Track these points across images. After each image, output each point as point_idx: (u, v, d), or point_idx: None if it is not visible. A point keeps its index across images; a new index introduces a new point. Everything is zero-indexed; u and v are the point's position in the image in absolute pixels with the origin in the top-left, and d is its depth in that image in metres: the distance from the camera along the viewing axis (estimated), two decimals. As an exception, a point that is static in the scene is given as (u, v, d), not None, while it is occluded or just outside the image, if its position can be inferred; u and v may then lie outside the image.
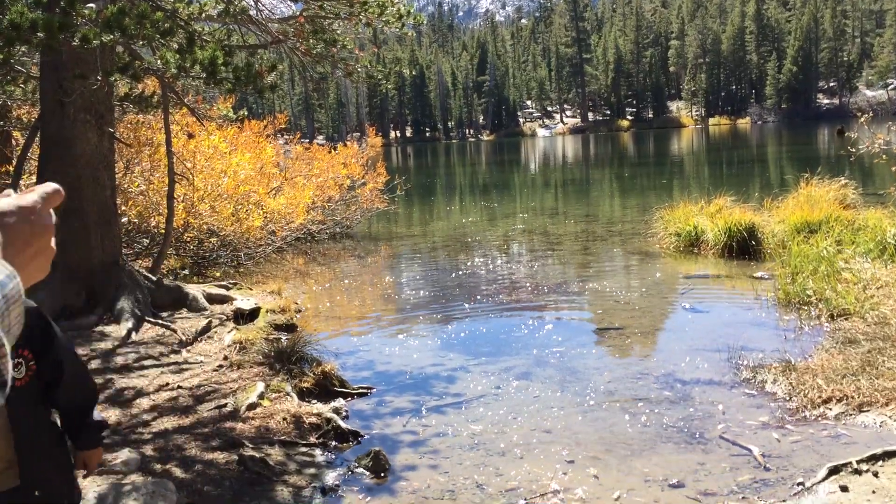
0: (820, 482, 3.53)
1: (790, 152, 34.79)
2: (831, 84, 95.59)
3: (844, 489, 3.42)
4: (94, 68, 6.25)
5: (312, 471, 3.78)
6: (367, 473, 3.82)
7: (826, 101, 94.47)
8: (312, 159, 13.92)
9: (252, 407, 4.51)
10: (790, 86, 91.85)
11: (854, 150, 12.61)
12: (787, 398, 4.64)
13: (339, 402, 4.83)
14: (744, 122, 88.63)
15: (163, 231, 8.41)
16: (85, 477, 2.53)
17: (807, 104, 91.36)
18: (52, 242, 0.79)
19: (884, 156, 10.95)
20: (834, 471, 3.60)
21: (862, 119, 12.31)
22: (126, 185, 9.43)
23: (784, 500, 3.40)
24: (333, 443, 4.21)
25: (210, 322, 6.52)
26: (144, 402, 4.68)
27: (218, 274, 9.75)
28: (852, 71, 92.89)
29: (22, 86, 8.68)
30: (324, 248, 12.04)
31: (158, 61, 5.83)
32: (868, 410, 4.32)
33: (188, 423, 4.34)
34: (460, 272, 9.62)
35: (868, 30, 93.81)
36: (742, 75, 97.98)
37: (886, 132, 12.56)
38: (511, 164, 41.53)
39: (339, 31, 7.21)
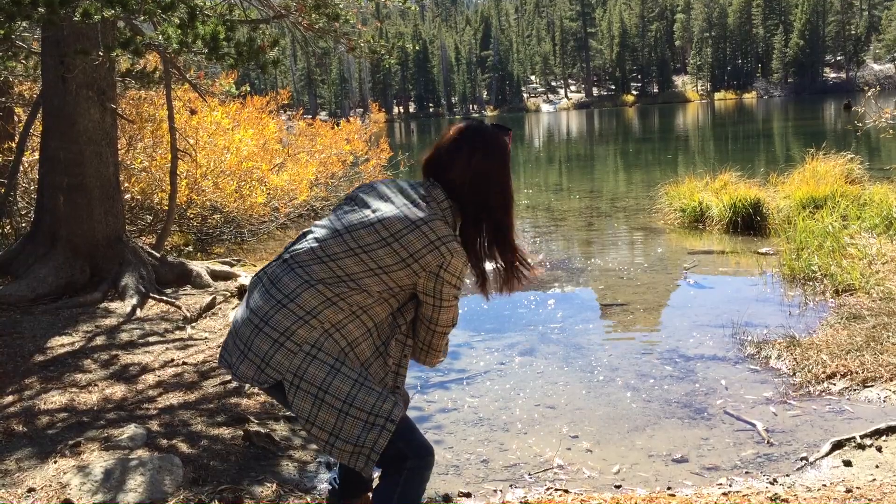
0: (823, 457, 3.54)
1: (796, 127, 34.60)
2: (838, 58, 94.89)
3: (848, 464, 3.43)
4: (95, 44, 6.21)
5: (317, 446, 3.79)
6: (372, 449, 3.83)
7: (833, 75, 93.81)
8: (315, 135, 13.87)
9: (257, 383, 4.52)
10: (797, 60, 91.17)
11: (861, 124, 12.54)
12: (791, 373, 4.65)
13: (344, 378, 4.84)
14: (750, 97, 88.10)
15: (166, 207, 8.41)
16: None
17: (813, 78, 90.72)
18: None
19: (890, 130, 10.90)
20: (837, 445, 3.60)
21: (869, 93, 12.23)
22: (129, 162, 9.41)
23: (787, 475, 3.42)
24: (338, 418, 4.22)
25: (214, 298, 6.54)
26: (150, 378, 4.70)
27: (221, 250, 9.76)
28: (859, 45, 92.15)
29: (23, 62, 8.64)
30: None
31: (160, 37, 5.78)
32: (872, 385, 4.32)
33: (193, 398, 4.36)
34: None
35: (876, 3, 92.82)
36: (748, 49, 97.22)
37: (893, 106, 12.46)
38: (515, 140, 41.35)
39: (341, 6, 7.15)
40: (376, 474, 2.34)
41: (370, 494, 2.61)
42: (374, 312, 2.19)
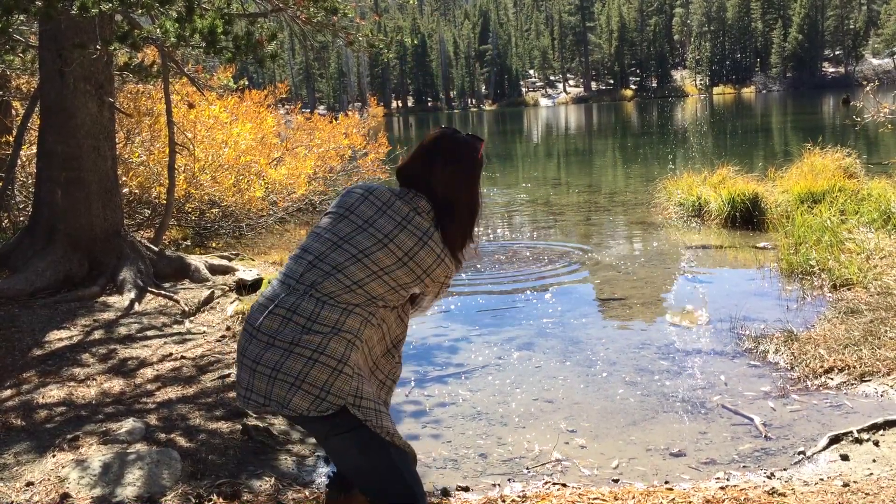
0: (821, 451, 3.54)
1: (795, 121, 34.60)
2: (837, 52, 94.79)
3: (845, 458, 3.44)
4: (93, 37, 6.19)
5: (315, 440, 3.79)
6: (370, 443, 3.83)
7: (832, 69, 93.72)
8: (314, 129, 13.84)
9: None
10: (795, 54, 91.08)
11: (859, 119, 12.54)
12: (789, 368, 4.65)
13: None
14: (748, 91, 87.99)
15: (164, 202, 8.39)
16: None
17: (812, 73, 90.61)
18: None
19: (889, 125, 10.89)
20: (835, 440, 3.61)
21: (867, 88, 12.22)
22: (127, 156, 9.40)
23: (785, 469, 3.42)
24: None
25: (213, 293, 6.53)
26: (148, 373, 4.70)
27: (220, 245, 9.75)
28: (858, 39, 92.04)
29: (21, 55, 8.62)
30: (326, 219, 12.00)
31: (158, 30, 5.77)
32: (870, 380, 4.33)
33: (192, 392, 4.36)
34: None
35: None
36: (747, 44, 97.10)
37: (892, 101, 12.46)
38: (513, 134, 41.35)
39: (339, 0, 7.13)
40: None
41: None
42: (385, 317, 2.37)
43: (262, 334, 2.22)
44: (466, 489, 3.36)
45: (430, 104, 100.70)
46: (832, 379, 4.41)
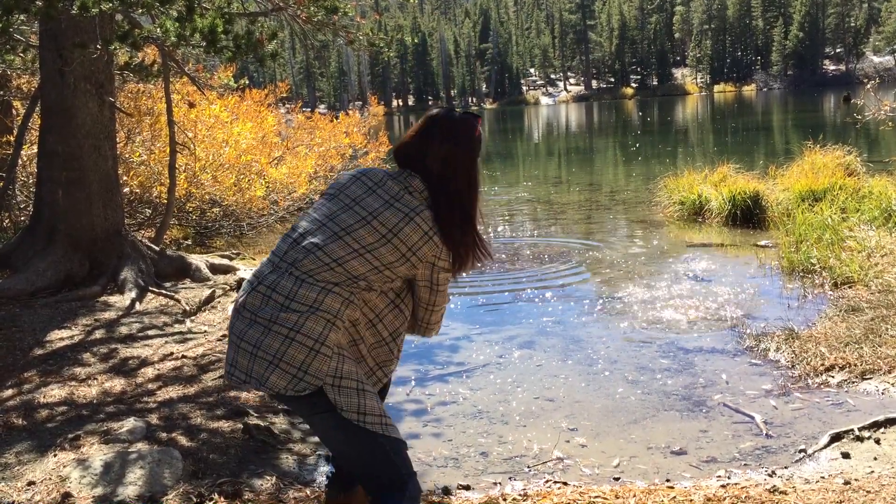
0: (822, 449, 3.54)
1: (795, 119, 34.57)
2: (838, 50, 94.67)
3: (846, 456, 3.44)
4: (93, 37, 6.19)
5: (317, 439, 3.79)
6: (371, 441, 3.84)
7: (832, 67, 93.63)
8: (314, 128, 13.84)
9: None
10: (796, 52, 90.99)
11: (860, 116, 12.53)
12: (790, 366, 4.65)
13: (343, 371, 4.84)
14: (749, 89, 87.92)
15: (165, 201, 8.39)
16: None
17: (813, 71, 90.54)
18: None
19: (890, 123, 10.89)
20: (836, 438, 3.61)
21: (868, 85, 12.21)
22: (127, 155, 9.40)
23: (786, 467, 3.42)
24: (337, 411, 4.23)
25: (213, 292, 6.54)
26: (149, 372, 4.71)
27: (221, 244, 9.75)
28: (859, 37, 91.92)
29: (21, 55, 8.62)
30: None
31: (158, 30, 5.77)
32: (870, 378, 4.33)
33: (193, 392, 4.36)
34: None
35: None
36: (748, 41, 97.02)
37: (893, 99, 12.45)
38: (514, 133, 41.32)
39: (340, -1, 7.12)
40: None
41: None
42: (374, 304, 2.29)
43: (247, 311, 2.22)
44: (468, 488, 3.36)
45: (430, 103, 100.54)
46: (833, 377, 4.41)
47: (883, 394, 4.15)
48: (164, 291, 6.55)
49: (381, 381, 2.42)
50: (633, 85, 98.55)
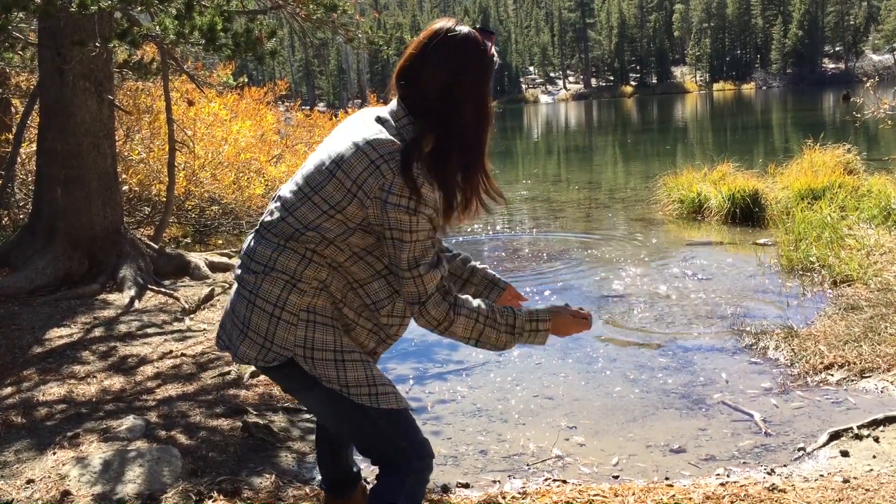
0: (821, 447, 3.55)
1: (795, 118, 34.57)
2: (837, 48, 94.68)
3: (845, 454, 3.44)
4: (92, 35, 6.18)
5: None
6: (371, 440, 3.83)
7: (832, 65, 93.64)
8: (313, 126, 13.83)
9: (255, 374, 4.53)
10: (796, 50, 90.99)
11: (859, 115, 12.52)
12: (789, 364, 4.65)
13: (342, 370, 4.84)
14: (748, 88, 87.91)
15: (164, 199, 8.39)
16: None
17: (812, 69, 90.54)
18: None
19: (889, 121, 10.88)
20: (835, 436, 3.61)
21: (868, 84, 12.21)
22: (126, 153, 9.39)
23: (785, 465, 3.42)
24: (337, 409, 4.23)
25: (213, 290, 6.53)
26: (148, 370, 4.71)
27: (220, 242, 9.75)
28: (858, 35, 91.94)
29: (20, 53, 8.61)
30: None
31: (157, 28, 5.77)
32: (870, 376, 4.33)
33: (192, 390, 4.36)
34: (461, 239, 9.61)
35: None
36: (747, 40, 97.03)
37: (892, 97, 12.45)
38: (513, 131, 41.30)
39: (339, -4, 7.12)
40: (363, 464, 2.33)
41: (367, 489, 2.60)
42: (351, 272, 2.02)
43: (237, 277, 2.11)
44: (467, 486, 3.36)
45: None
46: (832, 375, 4.41)
47: (882, 392, 4.16)
48: (163, 289, 6.55)
49: (386, 342, 2.19)
50: (633, 83, 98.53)
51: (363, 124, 1.96)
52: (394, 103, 1.98)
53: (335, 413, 2.07)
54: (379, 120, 1.95)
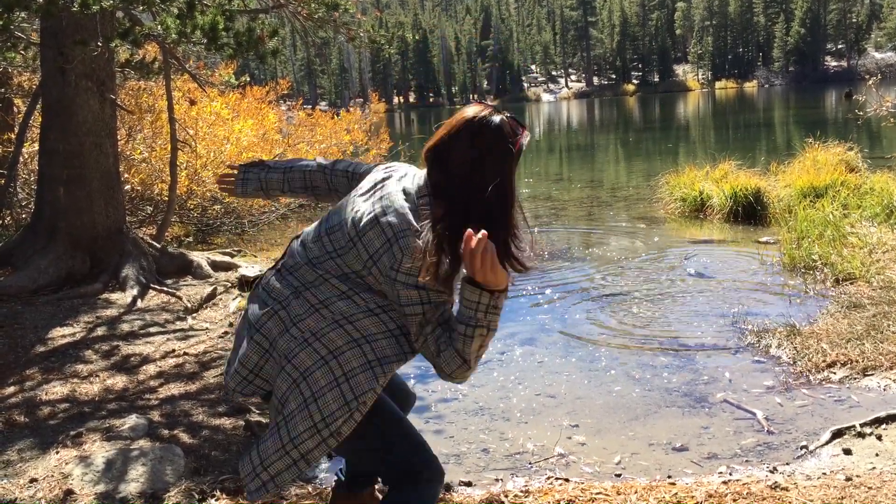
0: (823, 445, 3.54)
1: (797, 116, 34.52)
2: (839, 46, 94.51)
3: (848, 452, 3.44)
4: (94, 34, 6.19)
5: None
6: (373, 438, 3.84)
7: (834, 63, 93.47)
8: (315, 125, 13.84)
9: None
10: (798, 48, 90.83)
11: (862, 113, 12.51)
12: (792, 362, 4.65)
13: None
14: (751, 86, 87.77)
15: (166, 198, 8.40)
16: None
17: (814, 67, 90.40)
18: None
19: (891, 119, 10.87)
20: (837, 434, 3.61)
21: (870, 82, 12.20)
22: (128, 153, 9.40)
23: (787, 463, 3.42)
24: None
25: (215, 289, 6.54)
26: (151, 369, 4.71)
27: (222, 241, 9.76)
28: (861, 33, 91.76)
29: (22, 53, 8.62)
30: (328, 215, 11.99)
31: (159, 27, 5.77)
32: (872, 374, 4.33)
33: (194, 389, 4.37)
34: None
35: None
36: (749, 38, 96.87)
37: (894, 95, 12.43)
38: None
39: (340, -5, 7.12)
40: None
41: (376, 489, 2.60)
42: (363, 326, 2.01)
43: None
44: (469, 484, 3.37)
45: (431, 100, 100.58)
46: (835, 373, 4.41)
47: (884, 390, 4.15)
48: (165, 289, 6.56)
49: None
50: (635, 82, 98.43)
51: (392, 194, 2.02)
52: (422, 176, 2.03)
53: (359, 432, 2.03)
54: (405, 192, 2.01)
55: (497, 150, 1.97)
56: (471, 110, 2.02)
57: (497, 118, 1.99)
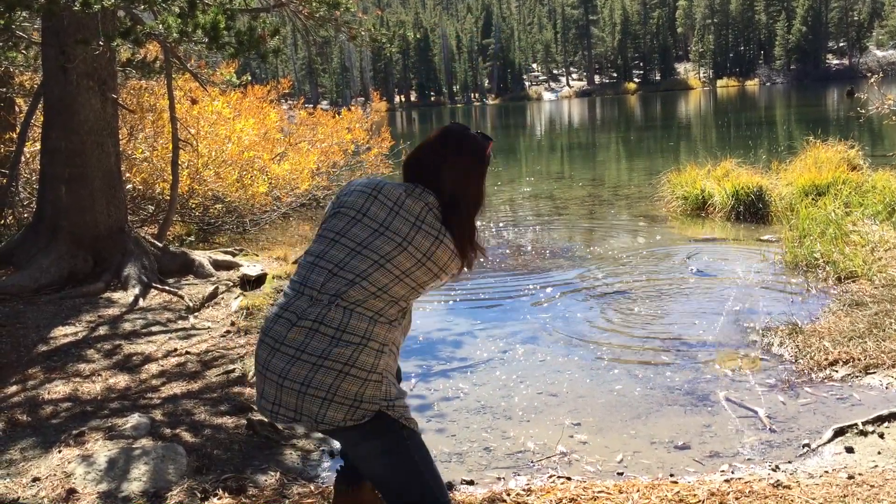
0: (825, 443, 3.54)
1: (799, 114, 34.49)
2: (841, 44, 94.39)
3: (850, 450, 3.44)
4: (95, 34, 6.19)
5: (320, 435, 3.80)
6: (375, 437, 3.84)
7: (836, 61, 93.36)
8: (316, 124, 13.82)
9: (260, 372, 4.53)
10: (799, 46, 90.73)
11: (863, 111, 12.50)
12: (794, 360, 4.65)
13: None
14: (752, 84, 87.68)
15: (168, 198, 8.40)
16: None
17: (816, 65, 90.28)
18: None
19: (893, 117, 10.86)
20: (839, 432, 3.61)
21: (872, 80, 12.19)
22: (130, 152, 9.40)
23: (789, 462, 3.42)
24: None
25: (217, 288, 6.54)
26: (153, 368, 4.71)
27: (224, 240, 9.76)
28: (862, 31, 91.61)
29: (24, 52, 8.62)
30: (329, 214, 11.97)
31: (160, 26, 5.77)
32: (874, 372, 4.32)
33: (197, 388, 4.37)
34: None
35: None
36: (751, 36, 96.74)
37: (896, 93, 12.41)
38: (517, 129, 41.28)
39: (341, -6, 7.12)
40: None
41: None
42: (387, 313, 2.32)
43: (288, 347, 2.17)
44: (471, 483, 3.37)
45: (432, 99, 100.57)
46: (837, 371, 4.41)
47: (887, 388, 4.15)
48: (167, 288, 6.56)
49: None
50: (636, 80, 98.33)
51: (425, 213, 2.29)
52: (423, 190, 2.31)
53: (392, 463, 2.24)
54: (430, 207, 2.30)
55: (476, 156, 2.38)
56: (447, 127, 2.42)
57: (471, 132, 2.40)
